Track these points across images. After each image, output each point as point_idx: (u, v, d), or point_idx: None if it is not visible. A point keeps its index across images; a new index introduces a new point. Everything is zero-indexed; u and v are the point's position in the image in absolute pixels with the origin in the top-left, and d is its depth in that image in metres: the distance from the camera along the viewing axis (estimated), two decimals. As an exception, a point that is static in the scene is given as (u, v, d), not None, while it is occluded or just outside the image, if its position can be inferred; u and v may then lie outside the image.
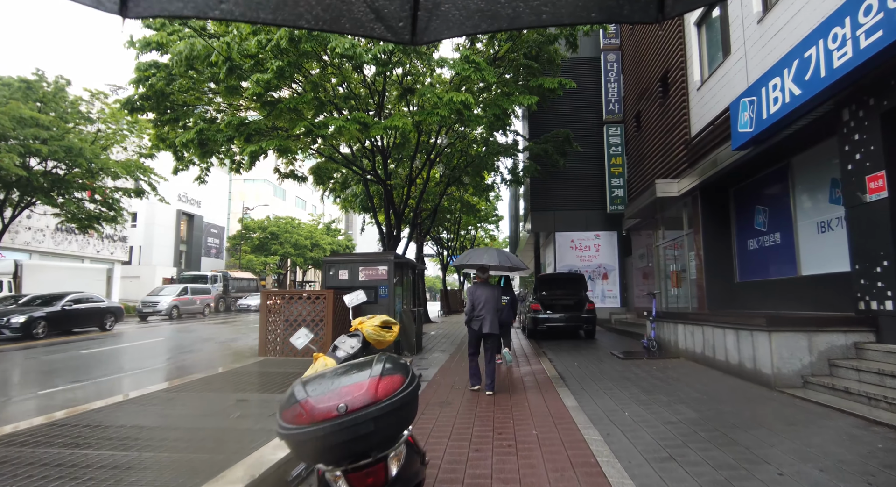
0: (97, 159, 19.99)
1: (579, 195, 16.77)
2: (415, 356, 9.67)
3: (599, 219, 16.61)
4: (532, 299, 12.01)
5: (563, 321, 11.43)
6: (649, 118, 13.22)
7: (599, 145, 16.39)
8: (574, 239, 16.73)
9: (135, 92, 10.75)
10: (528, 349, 10.17)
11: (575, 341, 11.70)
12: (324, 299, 7.61)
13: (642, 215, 13.31)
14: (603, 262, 16.56)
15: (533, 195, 16.93)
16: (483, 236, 48.34)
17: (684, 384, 6.03)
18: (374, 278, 9.55)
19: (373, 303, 9.45)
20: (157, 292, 23.72)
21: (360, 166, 14.05)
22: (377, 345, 2.92)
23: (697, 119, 10.24)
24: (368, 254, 9.84)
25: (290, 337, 3.13)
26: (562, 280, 12.18)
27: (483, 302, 5.77)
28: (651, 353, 8.65)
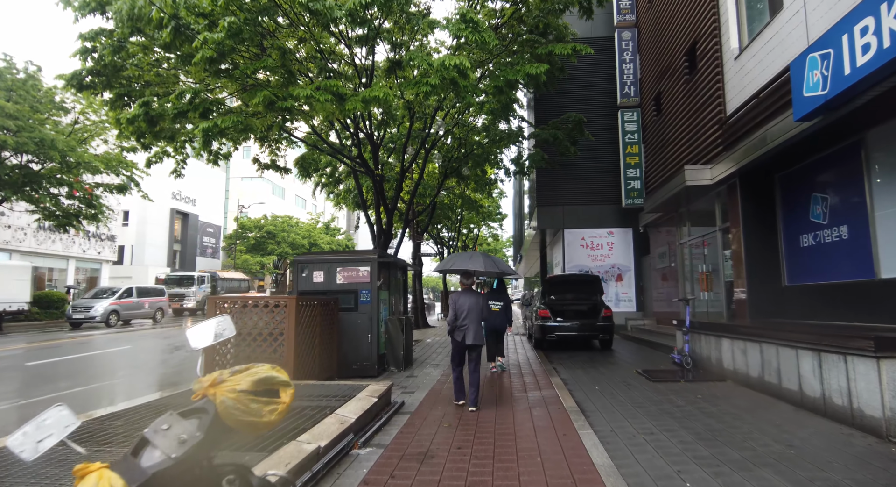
0: (72, 152, 18.66)
1: (591, 188, 15.25)
2: (401, 372, 8.21)
3: (613, 214, 15.07)
4: (540, 305, 10.52)
5: (575, 329, 9.93)
6: (672, 99, 11.68)
7: (613, 133, 14.86)
8: (585, 237, 15.21)
9: (82, 66, 9.33)
10: (536, 363, 8.67)
11: (589, 352, 10.18)
12: (284, 309, 6.16)
13: (664, 209, 11.77)
14: (617, 262, 15.03)
15: (539, 189, 15.42)
16: (486, 235, 46.85)
17: (752, 426, 4.51)
18: (355, 281, 8.10)
19: (352, 311, 8.01)
20: (95, 294, 20.12)
21: (349, 156, 12.59)
22: (244, 429, 1.42)
23: (736, 94, 8.70)
24: (348, 252, 8.39)
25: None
26: (574, 283, 10.67)
27: (467, 311, 5.35)
28: (685, 372, 7.13)
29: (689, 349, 7.48)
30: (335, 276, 8.15)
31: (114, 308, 19.10)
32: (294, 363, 6.01)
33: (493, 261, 7.12)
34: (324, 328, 6.99)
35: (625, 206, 14.02)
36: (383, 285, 8.56)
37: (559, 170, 14.93)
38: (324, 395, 5.15)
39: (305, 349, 6.37)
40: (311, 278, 8.19)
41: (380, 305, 8.25)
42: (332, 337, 7.31)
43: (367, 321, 7.95)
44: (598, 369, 8.01)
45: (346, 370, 7.86)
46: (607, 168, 15.19)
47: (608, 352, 10.11)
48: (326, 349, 7.09)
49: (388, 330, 8.41)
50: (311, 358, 6.54)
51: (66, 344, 13.13)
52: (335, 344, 7.41)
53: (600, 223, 15.15)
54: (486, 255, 7.05)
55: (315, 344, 6.68)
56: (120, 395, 6.87)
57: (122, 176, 22.20)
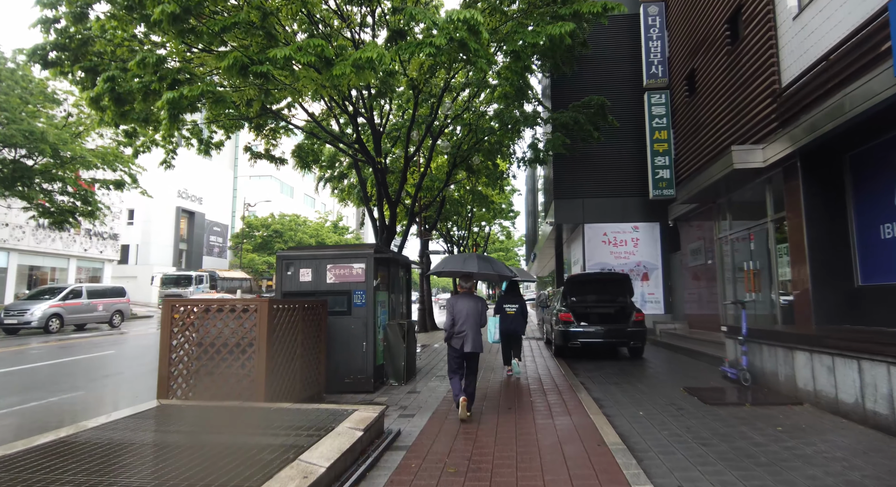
0: (64, 146, 17.85)
1: (613, 179, 13.95)
2: (402, 386, 7.05)
3: (638, 207, 13.76)
4: (561, 307, 9.29)
5: (602, 335, 8.67)
6: (709, 75, 10.36)
7: (638, 118, 13.55)
8: (607, 232, 13.92)
9: (45, 39, 8.33)
10: (559, 375, 7.45)
11: (618, 361, 8.93)
12: (254, 314, 5.04)
13: (701, 199, 10.46)
14: (643, 259, 13.71)
15: (557, 180, 14.17)
16: (497, 233, 45.65)
17: (879, 481, 3.26)
18: (348, 280, 6.97)
19: (344, 315, 6.88)
20: (35, 295, 17.46)
21: (348, 144, 11.49)
22: None
23: (794, 60, 7.38)
24: (339, 247, 7.26)
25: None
26: (600, 283, 9.42)
27: (464, 316, 5.02)
28: (745, 392, 5.86)
29: (746, 362, 6.20)
30: (325, 274, 7.02)
31: (55, 312, 16.39)
32: (266, 380, 4.87)
33: (488, 262, 6.52)
34: (307, 337, 5.85)
35: (652, 197, 12.71)
36: (382, 285, 7.42)
37: (579, 158, 13.68)
38: (294, 426, 4.00)
39: (283, 363, 5.24)
40: (296, 276, 7.07)
41: (377, 308, 7.11)
42: (318, 347, 6.17)
43: (362, 326, 6.81)
44: (635, 385, 6.76)
45: (338, 385, 6.73)
46: (631, 157, 13.89)
47: (640, 362, 8.85)
48: (311, 360, 5.95)
49: (386, 337, 7.26)
50: (289, 373, 5.40)
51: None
52: (322, 355, 6.27)
53: (624, 217, 13.84)
54: (480, 256, 6.48)
55: (296, 356, 5.54)
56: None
57: (120, 171, 21.41)
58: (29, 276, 26.23)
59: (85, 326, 18.22)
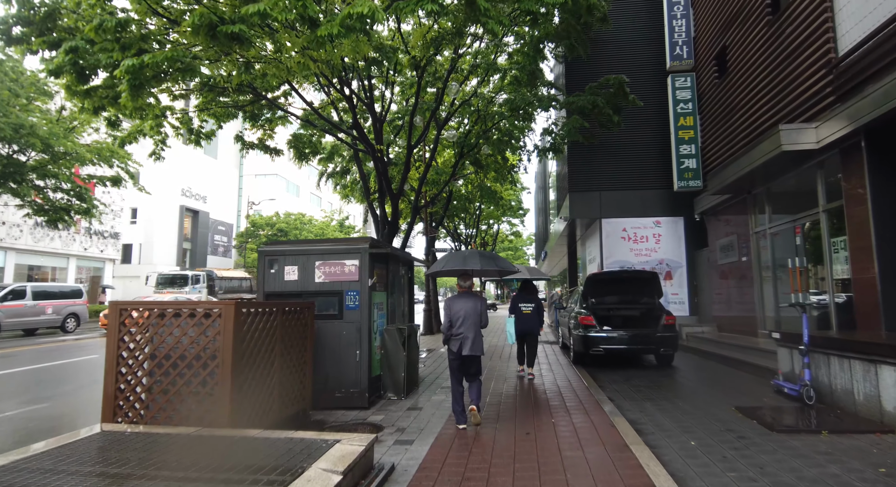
0: (55, 140, 17.18)
1: (633, 170, 12.94)
2: (402, 401, 6.15)
3: (661, 200, 12.74)
4: (580, 309, 8.33)
5: (628, 341, 7.69)
6: (745, 52, 9.32)
7: (660, 104, 12.52)
8: (627, 227, 12.91)
9: (6, 11, 7.52)
10: (582, 388, 6.49)
11: (646, 370, 7.95)
12: (218, 319, 4.16)
13: (735, 190, 9.43)
14: (666, 257, 12.69)
15: (572, 172, 13.18)
16: (506, 232, 44.68)
17: None
18: (340, 279, 6.08)
19: (335, 319, 5.98)
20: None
21: (346, 131, 10.62)
22: None
23: (855, 23, 6.36)
24: (330, 241, 6.36)
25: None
26: (624, 282, 8.43)
27: (462, 317, 4.76)
28: (811, 413, 4.87)
29: (809, 376, 5.20)
30: (313, 272, 6.13)
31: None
32: (232, 399, 3.98)
33: (491, 259, 6.12)
34: (289, 345, 4.96)
35: (677, 189, 11.68)
36: (379, 285, 6.51)
37: (596, 148, 12.67)
38: (254, 466, 3.10)
39: (255, 377, 4.34)
40: (281, 274, 6.18)
41: (373, 311, 6.21)
42: (303, 357, 5.28)
43: (355, 332, 5.91)
44: (674, 401, 5.78)
45: (327, 400, 5.83)
46: (653, 146, 12.86)
47: (670, 371, 7.86)
48: (294, 373, 5.05)
49: (384, 344, 6.35)
50: (265, 389, 4.51)
51: None
52: (309, 366, 5.37)
53: (645, 212, 12.82)
54: (482, 252, 6.11)
55: (273, 368, 4.65)
56: None
57: (117, 167, 20.77)
58: (28, 276, 25.70)
59: (36, 331, 16.30)
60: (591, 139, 10.87)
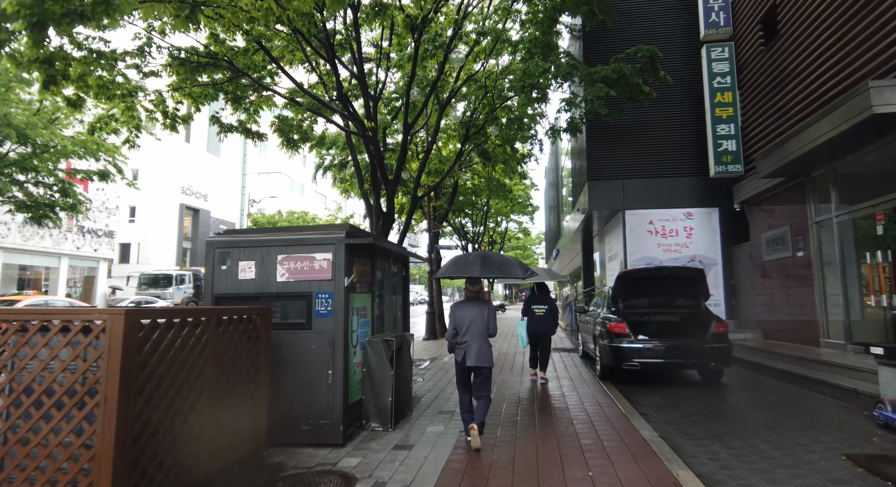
0: (33, 131, 16.09)
1: (661, 155, 11.49)
2: (389, 433, 4.81)
3: (693, 188, 11.28)
4: (609, 315, 6.92)
5: (670, 354, 6.27)
6: (804, 9, 7.85)
7: (693, 79, 11.07)
8: (654, 219, 11.46)
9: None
10: (618, 418, 5.08)
11: (691, 389, 6.52)
12: (101, 335, 2.85)
13: (792, 171, 7.95)
14: (698, 253, 11.22)
15: (591, 157, 11.75)
16: (514, 231, 43.24)
17: None
18: (308, 277, 4.77)
19: (301, 329, 4.68)
20: None
21: (330, 106, 9.30)
22: None
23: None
24: (296, 229, 5.03)
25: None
26: (663, 281, 6.99)
27: (467, 324, 4.36)
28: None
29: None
30: (274, 269, 4.80)
31: None
32: (117, 455, 2.65)
33: (495, 263, 5.43)
34: (228, 368, 3.62)
35: (714, 175, 10.21)
36: (362, 285, 5.18)
37: (618, 130, 11.28)
38: None
39: (167, 416, 3.02)
40: (234, 272, 4.86)
41: (353, 317, 4.87)
42: (253, 380, 3.94)
43: (327, 345, 4.59)
44: (750, 440, 4.35)
45: (290, 433, 4.51)
46: (684, 127, 11.41)
47: (721, 390, 6.43)
48: (238, 404, 3.72)
49: (366, 361, 5.01)
50: (184, 433, 3.17)
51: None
52: (262, 391, 4.04)
53: (674, 202, 11.37)
54: (486, 255, 5.51)
55: (201, 402, 3.32)
56: None
57: (104, 161, 19.66)
58: (19, 277, 24.76)
59: None
60: (615, 116, 9.46)
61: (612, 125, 11.43)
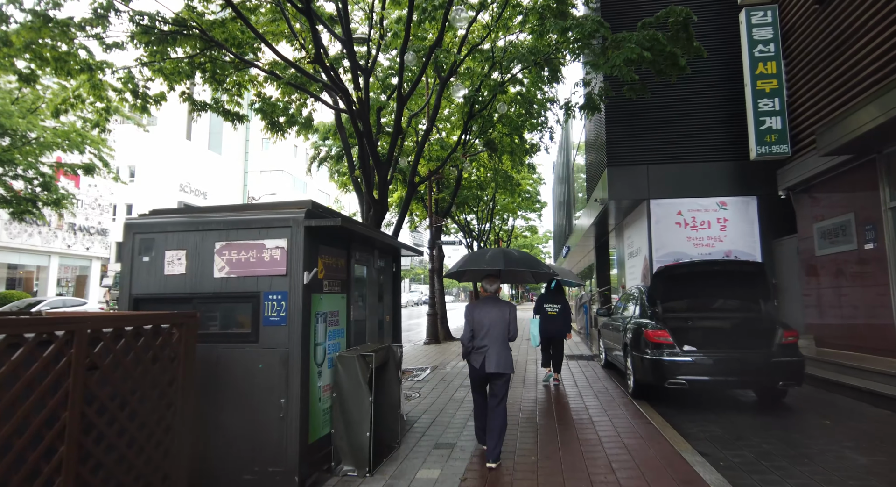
0: (9, 119, 15.07)
1: (691, 137, 10.19)
2: (366, 476, 3.60)
3: (728, 174, 9.98)
4: (645, 320, 5.65)
5: (728, 369, 5.00)
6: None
7: (728, 50, 9.78)
8: (683, 210, 10.15)
9: None
10: (671, 460, 3.81)
11: (751, 414, 5.24)
12: None
13: (864, 146, 6.62)
14: (734, 247, 9.92)
15: (611, 140, 10.45)
16: (520, 229, 41.97)
17: None
18: (255, 272, 3.55)
19: (245, 342, 3.48)
20: None
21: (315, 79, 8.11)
22: None
23: None
24: (240, 207, 3.82)
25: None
26: (714, 278, 5.68)
27: (486, 327, 3.94)
28: None
29: None
30: (211, 260, 3.59)
31: None
32: None
33: (515, 258, 5.06)
34: (114, 407, 2.41)
35: (756, 157, 8.89)
36: (332, 283, 3.97)
37: (642, 107, 10.00)
38: None
39: None
40: (158, 264, 3.65)
41: (316, 326, 3.66)
42: (163, 420, 2.72)
43: (279, 364, 3.37)
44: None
45: (232, 483, 3.31)
46: (717, 104, 10.10)
47: (794, 416, 5.14)
48: (137, 456, 2.50)
49: (336, 383, 3.79)
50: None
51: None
52: (181, 435, 2.82)
53: (705, 190, 10.06)
54: (507, 251, 5.17)
55: (57, 461, 2.11)
56: None
57: (89, 154, 18.67)
58: (8, 277, 23.83)
59: None
60: (641, 93, 8.19)
61: (634, 104, 10.13)
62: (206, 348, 3.37)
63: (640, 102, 10.07)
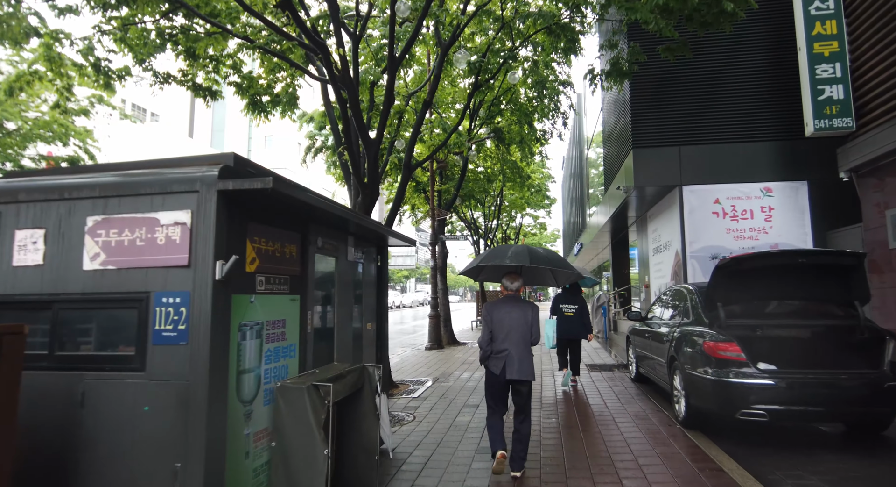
0: (-19, 107, 14.06)
1: (730, 114, 8.87)
2: None
3: (774, 156, 8.66)
4: (706, 328, 4.36)
5: (822, 398, 3.70)
6: None
7: (777, 7, 8.46)
8: (721, 198, 8.84)
9: None
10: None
11: (847, 451, 3.92)
12: None
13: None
14: (780, 240, 8.59)
15: (637, 117, 9.15)
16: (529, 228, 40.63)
17: None
18: (142, 262, 2.24)
19: (131, 371, 2.21)
20: None
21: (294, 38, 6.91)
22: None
23: None
24: (125, 165, 2.57)
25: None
26: (795, 273, 4.34)
27: (506, 330, 3.58)
28: None
29: None
30: (80, 243, 2.34)
31: None
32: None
33: (541, 256, 4.26)
34: None
35: (813, 133, 7.54)
36: (276, 279, 2.71)
37: (672, 78, 8.73)
38: None
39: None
40: (6, 250, 2.43)
41: (242, 344, 2.39)
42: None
43: (175, 407, 2.09)
44: None
45: None
46: (761, 74, 8.78)
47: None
48: None
49: (278, 428, 2.54)
50: None
51: None
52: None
53: (747, 174, 8.74)
54: (533, 247, 4.39)
55: None
56: None
57: (74, 146, 17.64)
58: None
59: None
60: (681, 51, 6.88)
61: (664, 74, 8.85)
62: (66, 379, 2.17)
63: (670, 71, 8.79)
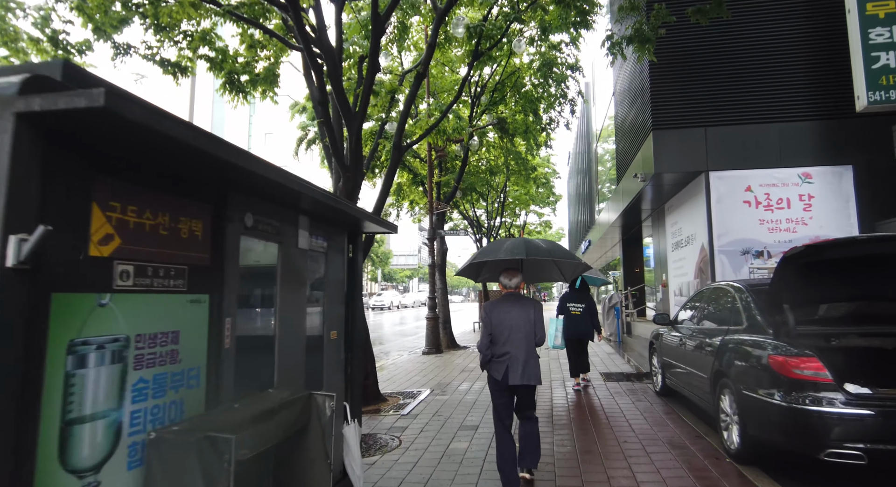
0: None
1: (763, 90, 7.88)
2: None
3: (814, 137, 7.66)
4: (769, 340, 3.39)
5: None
6: None
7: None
8: (753, 185, 7.85)
9: None
10: None
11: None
12: None
13: None
14: (822, 232, 7.60)
15: (658, 93, 8.16)
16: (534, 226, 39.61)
17: None
18: None
19: None
20: None
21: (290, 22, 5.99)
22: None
23: None
24: None
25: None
26: (881, 266, 3.40)
27: (507, 331, 3.31)
28: None
29: None
30: None
31: None
32: None
33: (541, 248, 4.11)
34: None
35: (865, 108, 6.53)
36: (159, 272, 1.73)
37: (696, 50, 7.77)
38: None
39: None
40: None
41: (72, 377, 1.42)
42: None
43: None
44: None
45: None
46: (799, 45, 7.79)
47: None
48: None
49: None
50: None
51: None
52: None
53: (783, 158, 7.75)
54: (530, 239, 4.28)
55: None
56: None
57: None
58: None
59: None
60: (716, 12, 5.91)
61: (687, 47, 7.88)
62: None
63: (695, 42, 7.82)
